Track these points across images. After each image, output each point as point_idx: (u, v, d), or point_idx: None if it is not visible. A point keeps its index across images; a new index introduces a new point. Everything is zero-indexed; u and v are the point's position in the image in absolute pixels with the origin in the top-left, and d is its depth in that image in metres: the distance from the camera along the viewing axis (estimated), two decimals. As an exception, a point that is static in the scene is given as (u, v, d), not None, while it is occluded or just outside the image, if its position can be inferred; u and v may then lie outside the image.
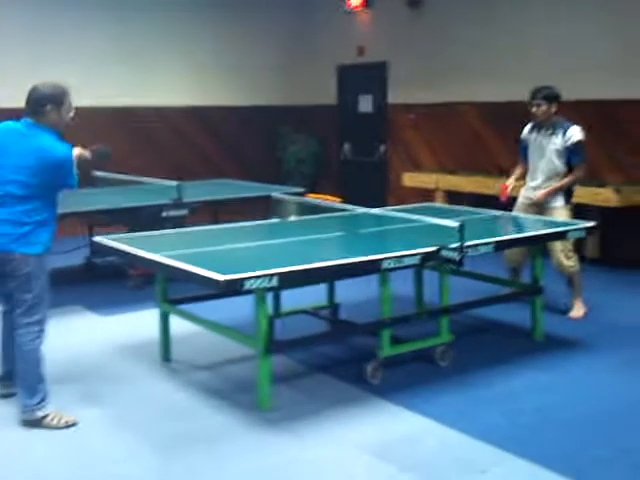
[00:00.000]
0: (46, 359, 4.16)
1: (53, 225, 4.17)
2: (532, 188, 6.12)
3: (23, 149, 4.03)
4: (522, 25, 8.69)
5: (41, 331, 4.10)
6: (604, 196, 7.32)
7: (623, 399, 4.46)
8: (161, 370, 4.95)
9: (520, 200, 6.24)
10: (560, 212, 5.97)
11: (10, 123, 4.18)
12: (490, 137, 9.21)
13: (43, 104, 4.07)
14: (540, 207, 6.05)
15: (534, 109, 5.97)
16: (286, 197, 6.24)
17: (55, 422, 4.05)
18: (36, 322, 4.07)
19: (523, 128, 6.18)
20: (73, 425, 4.06)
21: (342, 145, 11.14)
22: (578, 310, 6.08)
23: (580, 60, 8.13)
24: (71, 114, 4.19)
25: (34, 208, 4.03)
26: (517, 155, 6.45)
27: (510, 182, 6.22)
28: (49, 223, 4.12)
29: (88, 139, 9.50)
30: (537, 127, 6.09)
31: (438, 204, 8.14)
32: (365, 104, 10.76)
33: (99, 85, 9.64)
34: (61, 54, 9.53)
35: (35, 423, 4.05)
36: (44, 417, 4.05)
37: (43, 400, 4.07)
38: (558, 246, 5.92)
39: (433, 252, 4.54)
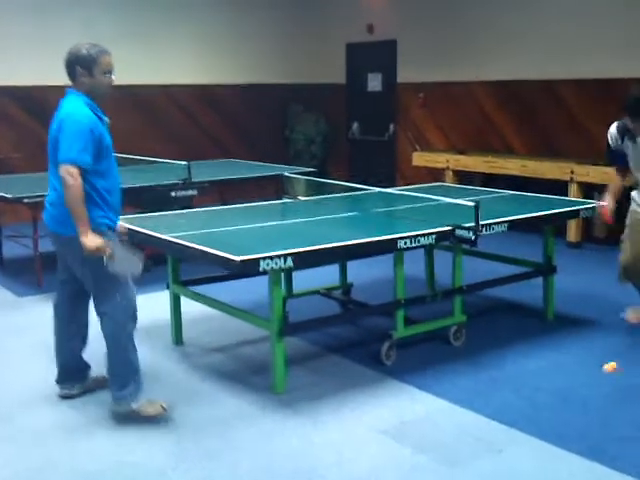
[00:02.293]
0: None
1: (106, 202, 3.78)
2: None
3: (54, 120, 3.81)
4: (531, 3, 8.59)
5: (126, 319, 3.85)
6: (612, 176, 7.24)
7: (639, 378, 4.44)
8: (173, 353, 4.94)
9: (634, 210, 5.21)
10: None
11: None
12: (500, 116, 9.13)
13: (72, 67, 3.76)
14: None
15: (630, 124, 4.90)
16: (298, 177, 6.19)
17: (152, 410, 3.89)
18: (110, 309, 3.83)
19: (531, 107, 5.91)
20: (167, 410, 3.93)
21: (351, 124, 11.06)
22: None
23: (588, 38, 8.04)
24: (110, 77, 3.80)
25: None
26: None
27: (609, 203, 5.20)
28: (98, 200, 3.74)
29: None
30: (629, 131, 4.99)
31: (449, 184, 8.09)
32: (374, 83, 10.68)
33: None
34: (68, 32, 9.43)
35: (127, 415, 3.88)
36: (139, 407, 3.88)
37: (136, 390, 3.88)
38: None
39: (448, 231, 4.51)
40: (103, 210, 3.80)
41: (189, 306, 5.11)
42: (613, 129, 5.11)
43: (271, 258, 3.85)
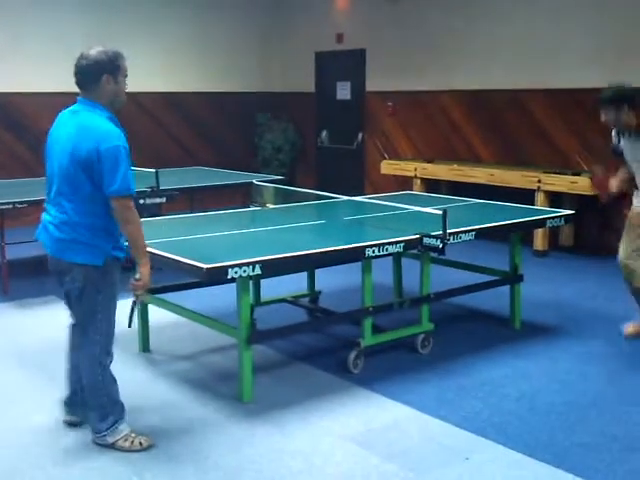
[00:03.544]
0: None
1: (116, 231, 3.55)
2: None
3: (66, 133, 3.47)
4: (502, 14, 8.69)
5: (101, 353, 3.65)
6: (580, 184, 7.37)
7: (605, 385, 4.50)
8: (140, 361, 4.89)
9: (633, 208, 5.11)
10: None
11: (64, 112, 3.60)
12: (467, 125, 9.21)
13: (96, 75, 3.46)
14: None
15: (602, 117, 4.88)
16: (266, 184, 6.19)
17: (127, 445, 3.68)
18: (91, 341, 3.64)
19: (499, 116, 6.01)
20: (150, 447, 3.70)
21: (320, 132, 11.09)
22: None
23: (555, 49, 8.16)
24: (126, 83, 3.58)
25: (87, 207, 3.45)
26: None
27: (613, 181, 5.08)
28: (110, 228, 3.52)
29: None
30: (621, 131, 4.97)
31: (417, 192, 8.15)
32: (343, 91, 10.72)
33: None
34: (35, 38, 9.37)
35: (107, 446, 3.70)
36: (115, 441, 3.69)
37: (114, 424, 3.69)
38: None
39: (415, 240, 4.53)
40: (117, 239, 3.59)
41: (157, 313, 5.07)
42: (614, 129, 5.02)
43: (239, 266, 3.83)
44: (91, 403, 3.74)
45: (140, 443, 3.70)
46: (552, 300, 6.25)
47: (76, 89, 3.64)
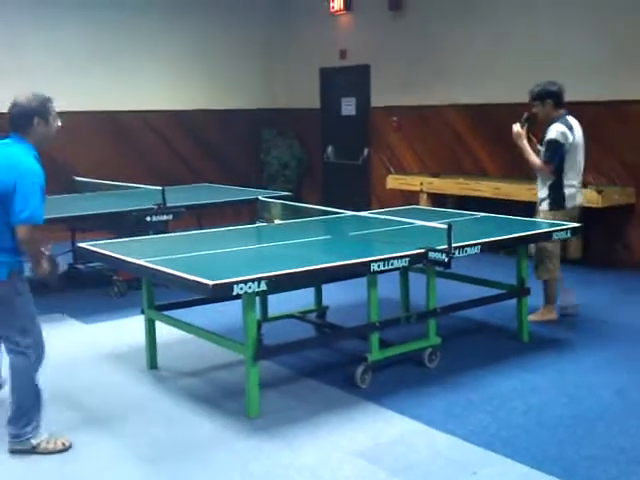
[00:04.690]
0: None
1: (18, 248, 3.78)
2: None
3: None
4: (503, 28, 8.73)
5: (34, 355, 3.78)
6: (587, 197, 7.35)
7: (612, 397, 4.48)
8: (148, 378, 4.90)
9: None
10: (542, 216, 5.88)
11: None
12: (472, 139, 9.23)
13: (29, 119, 3.76)
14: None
15: (533, 109, 5.86)
16: (272, 200, 6.21)
17: (51, 446, 3.81)
18: (27, 345, 3.77)
19: (504, 129, 6.18)
20: (69, 447, 3.84)
21: (325, 148, 11.13)
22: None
23: (560, 62, 8.17)
24: (58, 122, 3.90)
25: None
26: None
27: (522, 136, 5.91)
28: (18, 247, 3.75)
29: (70, 143, 9.49)
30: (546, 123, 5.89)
31: (422, 206, 8.16)
32: (348, 107, 10.77)
33: (79, 89, 9.55)
34: (39, 57, 9.44)
35: (27, 452, 3.79)
36: (38, 444, 3.80)
37: (36, 428, 3.81)
38: None
39: (421, 254, 4.54)
40: (16, 257, 3.79)
41: (164, 330, 5.09)
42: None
43: (245, 282, 3.85)
44: (21, 409, 3.79)
45: (62, 444, 3.83)
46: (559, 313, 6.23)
47: (77, 107, 3.74)
